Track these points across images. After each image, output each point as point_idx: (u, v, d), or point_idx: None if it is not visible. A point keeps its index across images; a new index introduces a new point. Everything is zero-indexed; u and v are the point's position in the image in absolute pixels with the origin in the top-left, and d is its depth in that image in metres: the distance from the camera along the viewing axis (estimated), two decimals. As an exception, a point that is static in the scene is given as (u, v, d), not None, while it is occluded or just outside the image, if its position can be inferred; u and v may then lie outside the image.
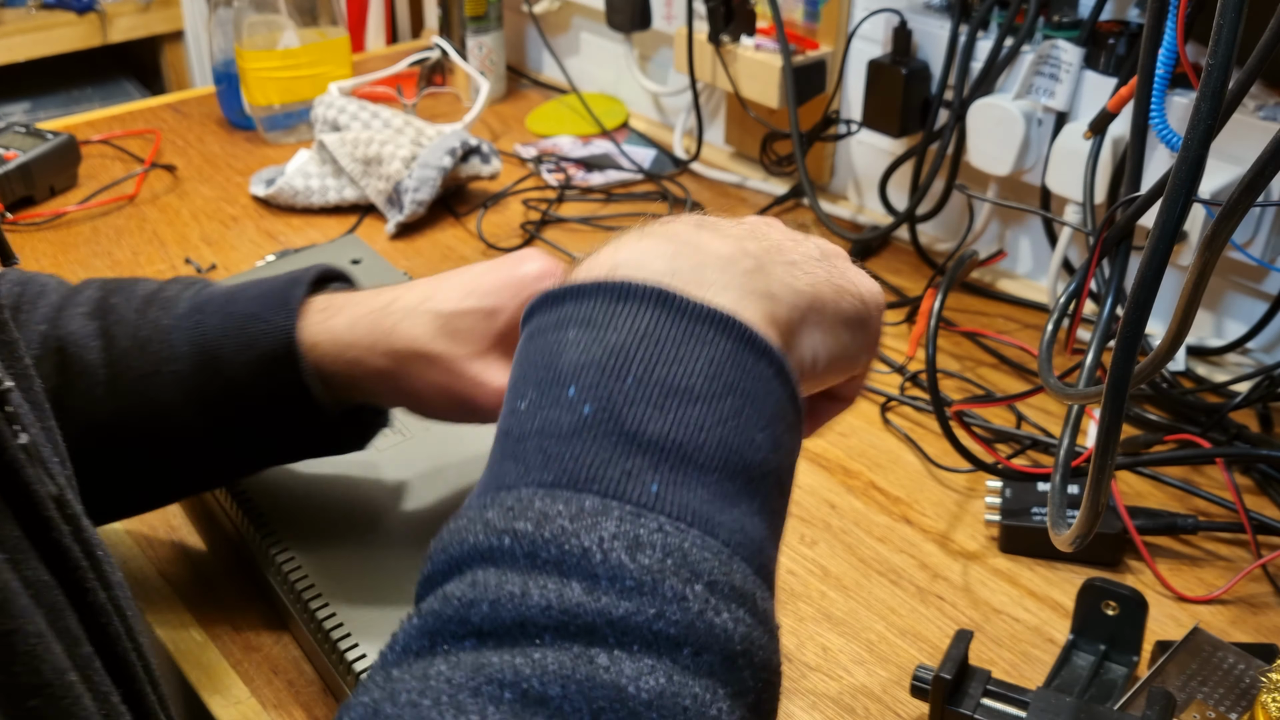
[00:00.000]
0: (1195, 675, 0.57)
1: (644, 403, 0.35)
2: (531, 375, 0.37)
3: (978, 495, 0.75)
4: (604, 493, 0.33)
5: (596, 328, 0.36)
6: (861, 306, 0.44)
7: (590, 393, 0.35)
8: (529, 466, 0.35)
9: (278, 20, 1.19)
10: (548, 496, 0.33)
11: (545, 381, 0.36)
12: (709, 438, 0.35)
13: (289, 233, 1.06)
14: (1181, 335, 0.43)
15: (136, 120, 1.28)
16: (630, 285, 0.37)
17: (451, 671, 0.30)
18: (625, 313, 0.36)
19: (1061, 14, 0.87)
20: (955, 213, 1.02)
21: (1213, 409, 0.78)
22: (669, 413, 0.35)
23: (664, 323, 0.36)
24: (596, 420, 0.35)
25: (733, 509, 0.35)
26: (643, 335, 0.36)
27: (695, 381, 0.35)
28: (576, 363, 0.36)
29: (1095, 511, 0.46)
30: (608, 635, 0.31)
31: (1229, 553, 0.71)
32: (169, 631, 0.64)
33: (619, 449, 0.34)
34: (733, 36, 1.05)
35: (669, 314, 0.36)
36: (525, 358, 0.38)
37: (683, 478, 0.34)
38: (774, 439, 0.37)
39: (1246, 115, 0.77)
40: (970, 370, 0.88)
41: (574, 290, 0.38)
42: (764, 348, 0.37)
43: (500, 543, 0.33)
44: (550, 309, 0.38)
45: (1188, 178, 0.38)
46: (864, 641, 0.65)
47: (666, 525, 0.33)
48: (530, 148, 1.22)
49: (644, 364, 0.35)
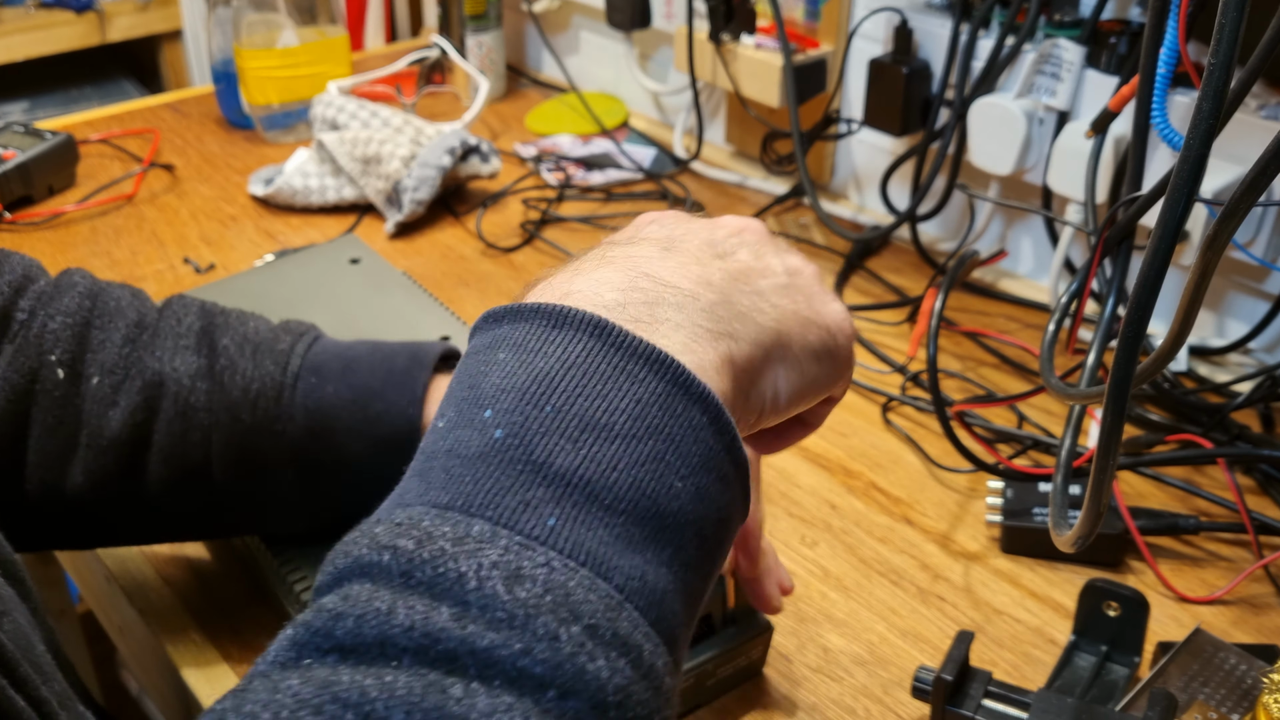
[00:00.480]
0: (1197, 676, 0.57)
1: (558, 434, 0.33)
2: (456, 394, 0.36)
3: (979, 496, 0.75)
4: (496, 520, 0.32)
5: (527, 352, 0.35)
6: (829, 338, 0.43)
7: (505, 417, 0.34)
8: (429, 485, 0.34)
9: (276, 19, 1.19)
10: (438, 517, 0.32)
11: (466, 401, 0.35)
12: (621, 478, 0.33)
13: (288, 232, 1.06)
14: (1183, 335, 0.43)
15: (135, 119, 1.28)
16: (569, 312, 0.35)
17: (301, 686, 0.29)
18: (559, 340, 0.35)
19: (1063, 13, 0.87)
20: (956, 212, 1.01)
21: (1214, 409, 0.78)
22: (583, 447, 0.33)
23: (596, 355, 0.35)
24: (506, 446, 0.33)
25: (635, 555, 0.33)
26: (570, 365, 0.35)
27: (617, 419, 0.34)
28: (499, 386, 0.35)
29: (1097, 512, 0.45)
30: (469, 666, 0.29)
31: (1231, 553, 0.70)
32: (168, 633, 0.64)
33: (522, 478, 0.33)
34: (733, 35, 1.05)
35: (603, 346, 0.35)
36: (456, 376, 0.37)
37: (585, 515, 0.32)
38: (697, 489, 0.35)
39: (1248, 114, 0.76)
40: (971, 370, 0.88)
41: (514, 311, 0.37)
42: (700, 393, 0.35)
43: (379, 558, 0.32)
44: (489, 329, 0.37)
45: (1189, 177, 0.38)
46: (865, 642, 0.65)
47: (555, 561, 0.31)
48: (530, 147, 1.22)
49: (566, 395, 0.34)
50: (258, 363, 0.58)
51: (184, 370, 0.57)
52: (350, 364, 0.59)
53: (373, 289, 0.84)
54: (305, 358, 0.59)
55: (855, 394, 0.85)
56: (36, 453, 0.55)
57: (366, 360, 0.59)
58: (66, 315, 0.56)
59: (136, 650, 0.70)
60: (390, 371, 0.58)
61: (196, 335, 0.58)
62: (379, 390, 0.58)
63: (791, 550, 0.71)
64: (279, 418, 0.57)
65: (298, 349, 0.59)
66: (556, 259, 1.02)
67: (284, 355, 0.58)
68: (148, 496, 0.57)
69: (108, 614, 0.75)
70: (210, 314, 0.60)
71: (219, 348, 0.58)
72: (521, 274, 1.00)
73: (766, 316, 0.40)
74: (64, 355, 0.55)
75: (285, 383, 0.58)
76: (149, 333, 0.58)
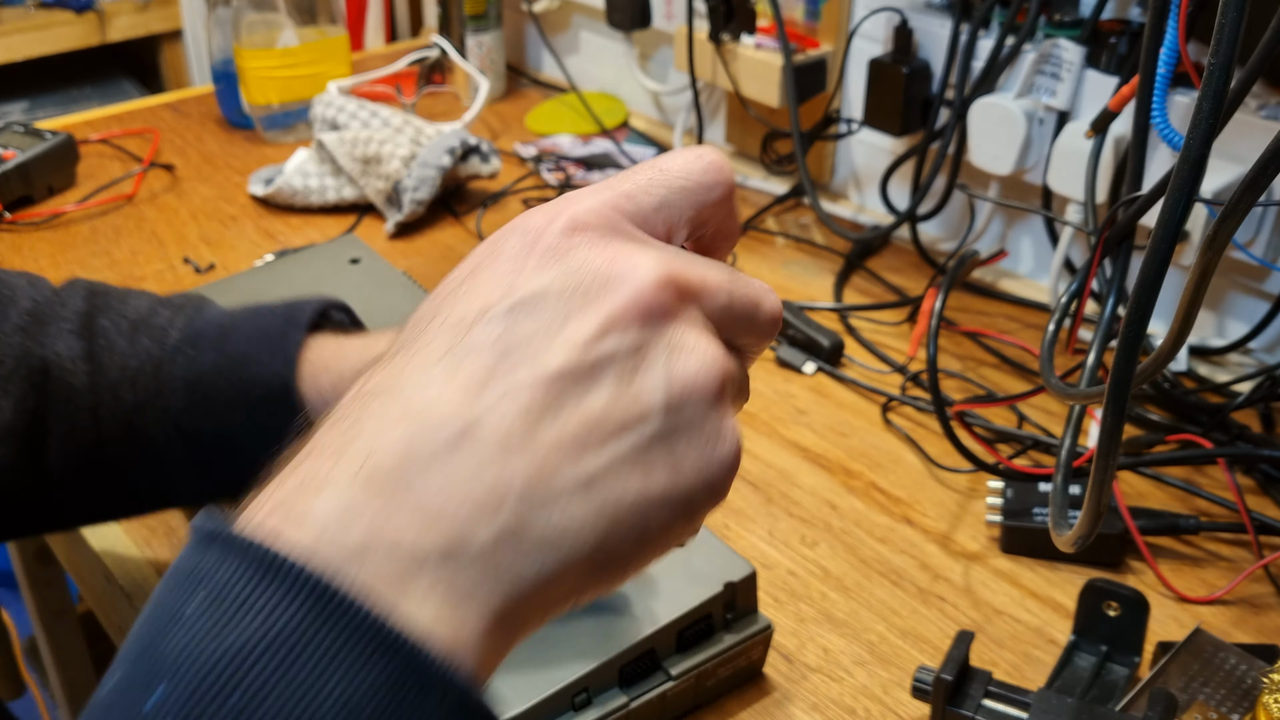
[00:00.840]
0: (1197, 676, 0.57)
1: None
2: (134, 646, 0.28)
3: (979, 495, 0.75)
4: None
5: (223, 610, 0.27)
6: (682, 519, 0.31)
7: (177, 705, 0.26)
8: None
9: (276, 19, 1.19)
10: None
11: (140, 663, 0.28)
12: None
13: (288, 232, 1.06)
14: (1183, 335, 0.43)
15: (135, 119, 1.28)
16: (282, 564, 0.27)
17: None
18: (265, 600, 0.27)
19: (1063, 13, 0.87)
20: (956, 212, 1.01)
21: (1215, 409, 0.78)
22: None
23: (307, 629, 0.26)
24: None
25: None
26: (273, 640, 0.26)
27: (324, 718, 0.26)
28: (179, 654, 0.27)
29: (1097, 512, 0.45)
30: None
31: (1231, 553, 0.70)
32: (167, 633, 0.64)
33: None
34: (733, 35, 1.05)
35: (317, 618, 0.26)
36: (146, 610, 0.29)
37: None
38: None
39: (1248, 114, 0.76)
40: (971, 370, 0.88)
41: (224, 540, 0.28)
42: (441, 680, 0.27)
43: None
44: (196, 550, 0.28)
45: (1189, 177, 0.38)
46: (865, 642, 0.65)
47: None
48: (530, 147, 1.22)
49: (259, 682, 0.26)
50: (134, 340, 0.57)
51: (66, 354, 0.56)
52: (226, 331, 0.58)
53: (373, 289, 0.83)
54: (184, 330, 0.58)
55: (855, 394, 0.85)
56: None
57: (243, 326, 0.58)
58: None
59: (136, 650, 0.70)
60: (264, 334, 0.57)
61: (80, 317, 0.58)
62: (252, 354, 0.56)
63: (792, 550, 0.71)
64: (159, 393, 0.56)
65: (176, 322, 0.58)
66: (556, 259, 1.02)
67: (161, 331, 0.58)
68: (52, 482, 0.56)
69: (107, 614, 0.75)
70: (95, 295, 0.59)
71: (98, 328, 0.57)
72: (521, 274, 1.00)
73: (588, 530, 0.29)
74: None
75: (163, 358, 0.57)
76: (39, 321, 0.57)
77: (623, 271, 0.30)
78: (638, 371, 0.30)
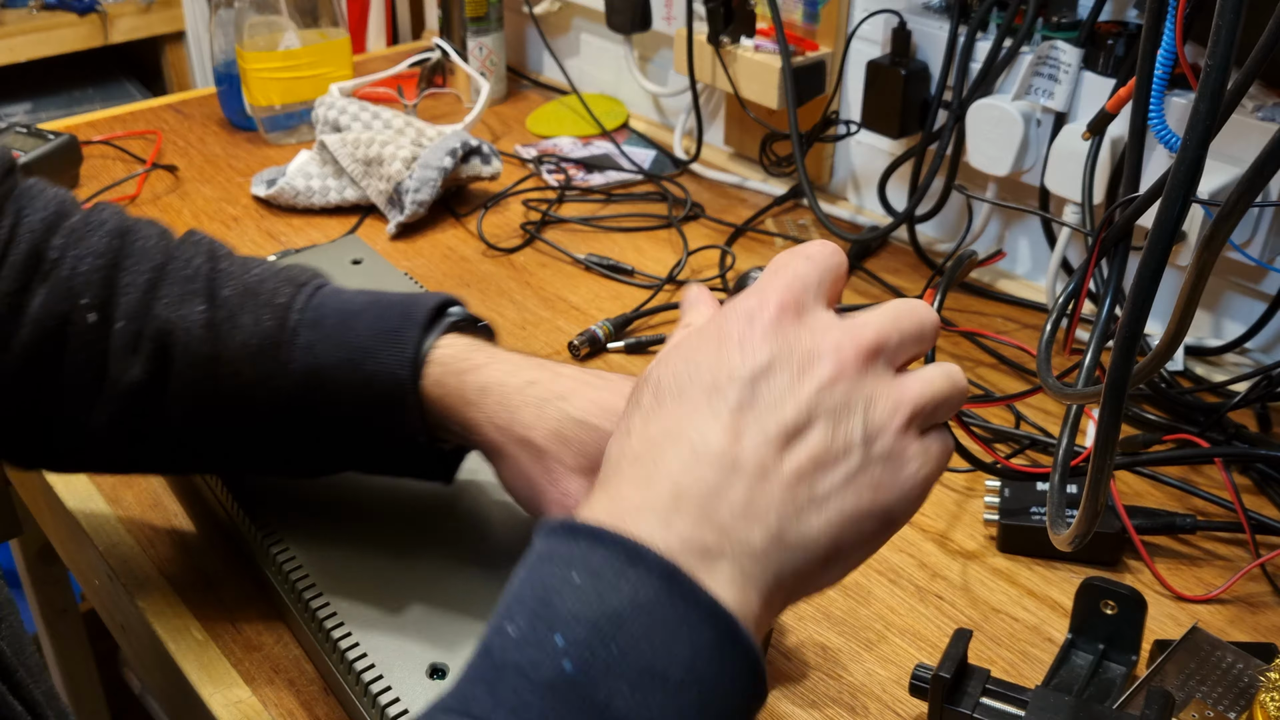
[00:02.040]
0: (1194, 674, 0.57)
1: (620, 677, 0.35)
2: (528, 602, 0.37)
3: (976, 495, 0.75)
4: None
5: (601, 583, 0.37)
6: (890, 526, 0.42)
7: (575, 650, 0.35)
8: (498, 702, 0.35)
9: (279, 21, 1.19)
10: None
11: (538, 617, 0.37)
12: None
13: (290, 233, 1.07)
14: (1180, 335, 0.43)
15: (138, 121, 1.28)
16: (644, 553, 0.37)
17: None
18: (632, 578, 0.37)
19: (1060, 15, 0.87)
20: (954, 213, 1.02)
21: (1211, 409, 0.78)
22: (638, 692, 0.35)
23: (664, 601, 0.36)
24: (574, 681, 0.35)
25: None
26: (639, 608, 0.36)
27: (672, 669, 0.36)
28: (572, 612, 0.36)
29: (1094, 511, 0.46)
30: None
31: (1227, 552, 0.71)
32: (169, 630, 0.64)
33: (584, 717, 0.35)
34: (732, 37, 1.06)
35: (671, 595, 0.37)
36: (529, 579, 0.38)
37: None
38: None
39: (1245, 116, 0.77)
40: (969, 370, 0.88)
41: (590, 534, 0.38)
42: (746, 647, 0.37)
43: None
44: (564, 541, 0.39)
45: (1186, 178, 0.38)
46: (863, 640, 0.65)
47: None
48: (530, 148, 1.22)
49: (632, 637, 0.36)
50: (256, 316, 0.58)
51: (191, 320, 0.58)
52: (346, 320, 0.59)
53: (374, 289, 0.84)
54: (304, 313, 0.59)
55: (854, 394, 0.85)
56: (66, 391, 0.57)
57: (364, 317, 0.59)
58: (96, 257, 0.57)
59: (139, 649, 0.71)
60: (385, 331, 0.58)
61: (203, 281, 0.59)
62: (372, 349, 0.58)
63: (791, 549, 0.71)
64: (276, 374, 0.58)
65: (296, 303, 0.59)
66: (557, 260, 1.03)
67: (283, 309, 0.59)
68: (167, 436, 0.59)
69: (110, 612, 0.75)
70: (215, 256, 0.61)
71: (220, 298, 0.59)
72: (522, 274, 1.01)
73: (823, 540, 0.40)
74: (94, 299, 0.57)
75: (282, 340, 0.58)
76: (165, 277, 0.59)
77: (826, 349, 0.41)
78: (842, 420, 0.41)
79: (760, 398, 0.40)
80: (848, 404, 0.41)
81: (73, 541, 0.76)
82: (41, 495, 0.79)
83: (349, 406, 0.58)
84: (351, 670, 0.56)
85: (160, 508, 0.73)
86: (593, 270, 1.01)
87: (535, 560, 0.39)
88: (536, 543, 0.40)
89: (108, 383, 0.57)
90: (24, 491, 0.88)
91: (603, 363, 0.89)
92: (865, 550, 0.42)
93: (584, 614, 0.36)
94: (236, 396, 0.58)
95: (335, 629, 0.57)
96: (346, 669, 0.56)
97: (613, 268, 1.00)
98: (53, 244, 0.57)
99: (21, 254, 0.56)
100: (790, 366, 0.41)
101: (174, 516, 0.72)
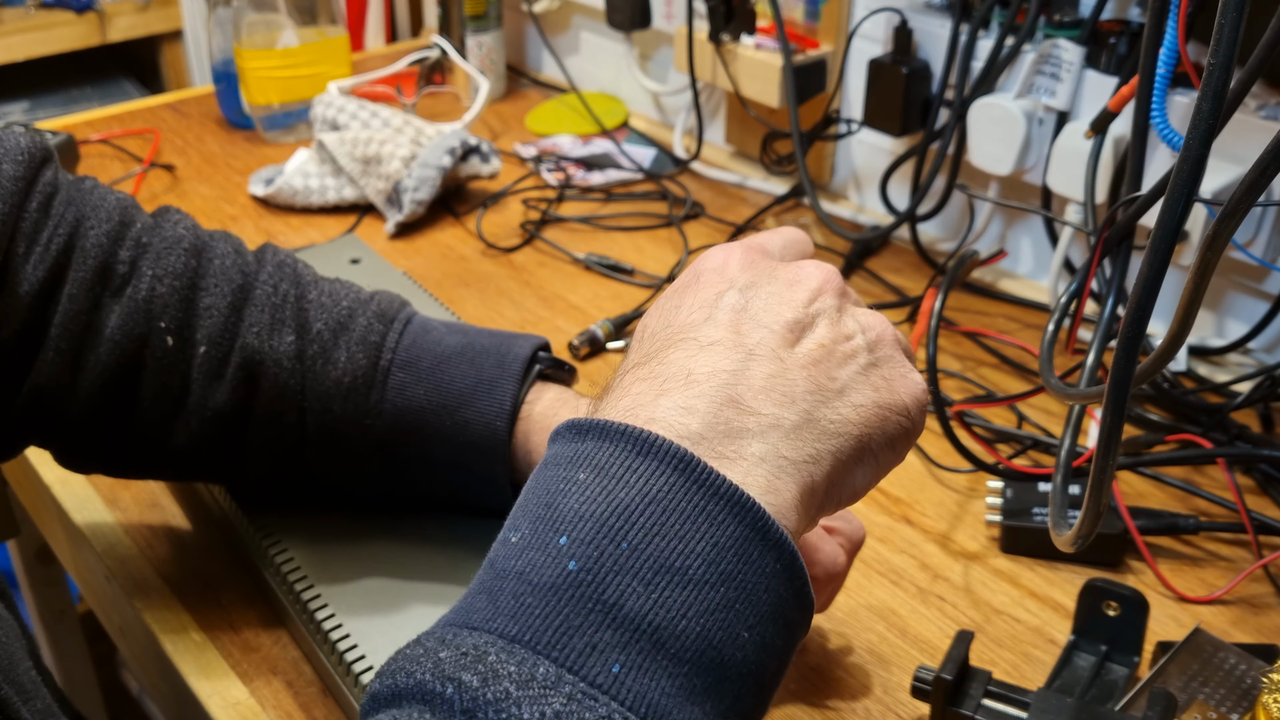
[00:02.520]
0: (1196, 676, 0.57)
1: (632, 574, 0.33)
2: (531, 508, 0.35)
3: (978, 495, 0.75)
4: (562, 662, 0.31)
5: (609, 478, 0.34)
6: (908, 423, 0.41)
7: (580, 549, 0.33)
8: (498, 610, 0.33)
9: (277, 19, 1.19)
10: (504, 652, 0.32)
11: (541, 520, 0.34)
12: (689, 627, 0.33)
13: (288, 232, 1.06)
14: (1183, 335, 0.43)
15: (135, 120, 1.28)
16: (655, 441, 0.35)
17: None
18: (642, 470, 0.34)
19: (1062, 13, 0.87)
20: (956, 212, 1.01)
21: (1214, 409, 0.78)
22: (655, 591, 0.33)
23: (678, 492, 0.34)
24: (579, 581, 0.33)
25: (695, 707, 0.32)
26: (651, 500, 0.34)
27: (692, 564, 0.33)
28: (577, 511, 0.34)
29: (1097, 512, 0.45)
30: None
31: (1230, 553, 0.70)
32: (167, 632, 0.64)
33: (592, 618, 0.32)
34: (733, 35, 1.05)
35: (685, 483, 0.34)
36: (533, 486, 0.36)
37: (650, 664, 0.32)
38: (762, 640, 0.34)
39: (1248, 115, 0.76)
40: (971, 370, 0.88)
41: (599, 429, 0.36)
42: (777, 539, 0.35)
43: (443, 690, 0.31)
44: (572, 440, 0.36)
45: (1189, 177, 0.38)
46: (865, 642, 0.65)
47: (615, 714, 0.31)
48: (530, 147, 1.22)
49: (644, 532, 0.33)
50: (349, 351, 0.58)
51: (281, 350, 0.57)
52: (440, 363, 0.59)
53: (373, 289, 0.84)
54: (397, 352, 0.59)
55: (855, 394, 0.85)
56: (144, 412, 0.57)
57: (456, 361, 0.59)
58: (174, 278, 0.56)
59: (136, 650, 0.70)
60: (479, 379, 0.58)
61: (292, 308, 0.59)
62: (467, 397, 0.58)
63: (791, 550, 0.71)
64: (368, 413, 0.58)
65: (389, 341, 0.59)
66: (557, 259, 1.02)
67: (375, 348, 0.59)
68: (245, 460, 0.59)
69: (108, 614, 0.75)
70: (302, 284, 0.60)
71: (311, 331, 0.58)
72: (521, 274, 1.00)
73: (851, 425, 0.39)
74: (172, 323, 0.56)
75: (375, 379, 0.58)
76: (249, 301, 0.58)
77: (808, 269, 0.42)
78: (840, 322, 0.41)
79: (754, 303, 0.40)
80: (840, 311, 0.41)
81: (70, 543, 0.76)
82: (39, 496, 0.79)
83: (440, 450, 0.58)
84: (350, 671, 0.56)
85: (158, 509, 0.73)
86: (592, 270, 1.01)
87: (542, 466, 0.37)
88: (547, 451, 0.38)
89: (190, 405, 0.57)
90: (22, 492, 0.88)
91: (603, 362, 0.89)
92: (889, 454, 0.41)
93: (590, 512, 0.34)
94: (323, 430, 0.58)
95: (333, 630, 0.57)
96: (344, 670, 0.56)
97: (613, 267, 1.00)
98: (121, 258, 0.56)
99: (89, 269, 0.55)
100: (777, 281, 0.41)
101: (172, 518, 0.72)
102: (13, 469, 0.84)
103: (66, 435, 0.57)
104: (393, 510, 0.64)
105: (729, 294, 0.40)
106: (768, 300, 0.40)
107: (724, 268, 0.42)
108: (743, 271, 0.42)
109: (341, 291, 0.61)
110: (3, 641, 0.44)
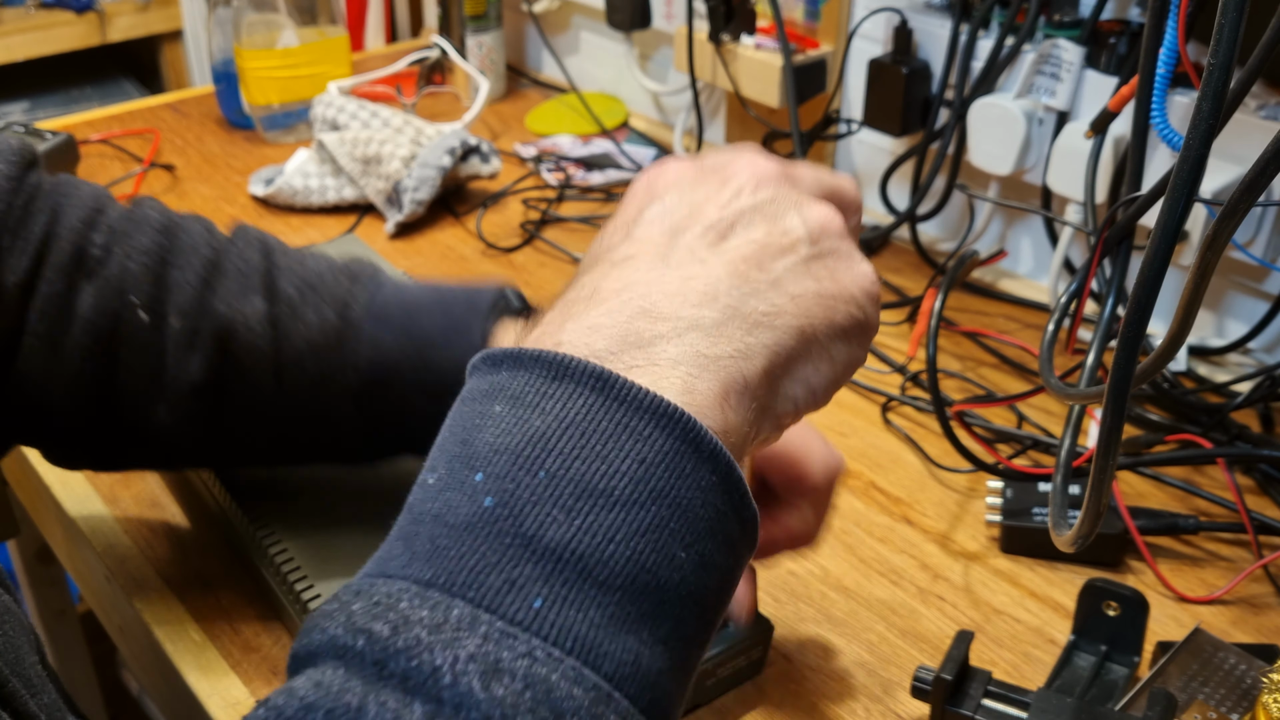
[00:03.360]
0: (1196, 676, 0.57)
1: (551, 503, 0.31)
2: (448, 447, 0.34)
3: (978, 495, 0.75)
4: (478, 602, 0.30)
5: (523, 407, 0.33)
6: (858, 312, 0.38)
7: (496, 484, 0.31)
8: (414, 555, 0.31)
9: (277, 19, 1.19)
10: (417, 597, 0.30)
11: (457, 459, 0.33)
12: (618, 551, 0.30)
13: (288, 232, 1.06)
14: (1183, 335, 0.43)
15: (135, 120, 1.28)
16: (569, 362, 0.33)
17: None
18: (558, 394, 0.32)
19: (1062, 13, 0.87)
20: (956, 212, 1.01)
21: (1214, 409, 0.78)
22: (577, 517, 0.31)
23: (597, 411, 0.32)
24: (495, 516, 0.31)
25: (629, 635, 0.30)
26: (569, 424, 0.32)
27: (617, 484, 0.31)
28: (492, 445, 0.32)
29: (1097, 512, 0.45)
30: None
31: (1230, 553, 0.70)
32: (167, 632, 0.64)
33: (510, 552, 0.30)
34: (733, 35, 1.05)
35: (605, 401, 0.32)
36: (450, 423, 0.35)
37: (575, 595, 0.30)
38: (701, 557, 0.32)
39: (1248, 115, 0.76)
40: (971, 370, 0.88)
41: (513, 357, 0.34)
42: (711, 450, 0.32)
43: (354, 643, 0.30)
44: (486, 372, 0.35)
45: (1189, 177, 0.38)
46: (864, 642, 0.65)
47: (538, 651, 0.29)
48: (530, 147, 1.22)
49: (563, 458, 0.31)
50: (318, 309, 0.58)
51: (251, 316, 0.57)
52: (411, 313, 0.59)
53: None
54: (367, 306, 0.59)
55: (855, 394, 0.85)
56: (124, 392, 0.56)
57: (427, 308, 0.59)
58: (144, 254, 0.56)
59: (136, 650, 0.70)
60: (449, 322, 0.58)
61: (261, 276, 0.58)
62: (438, 340, 0.57)
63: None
64: (341, 368, 0.58)
65: (358, 295, 0.59)
66: (556, 259, 1.02)
67: (343, 303, 0.58)
68: (229, 431, 0.59)
69: (108, 614, 0.75)
70: (270, 251, 0.60)
71: (280, 292, 0.58)
72: (521, 274, 1.00)
73: (786, 315, 0.36)
74: (144, 298, 0.56)
75: (346, 332, 0.58)
76: (219, 273, 0.58)
77: (740, 164, 0.39)
78: (778, 217, 0.38)
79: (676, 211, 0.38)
80: (777, 203, 0.38)
81: (70, 542, 0.76)
82: (39, 496, 0.79)
83: (417, 397, 0.58)
84: (349, 672, 0.56)
85: (158, 508, 0.73)
86: (592, 269, 1.00)
87: (459, 402, 0.35)
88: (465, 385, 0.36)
89: (168, 381, 0.56)
90: (21, 492, 0.88)
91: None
92: (842, 347, 0.38)
93: (505, 444, 0.32)
94: (301, 390, 0.58)
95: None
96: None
97: (612, 267, 1.00)
98: (95, 241, 0.56)
99: (64, 254, 0.55)
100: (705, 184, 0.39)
101: (172, 517, 0.72)
102: (12, 469, 0.84)
103: (51, 426, 0.57)
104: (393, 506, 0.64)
105: (650, 208, 0.39)
106: (691, 205, 0.38)
107: (652, 184, 0.40)
108: (668, 190, 0.39)
109: (309, 257, 0.61)
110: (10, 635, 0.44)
